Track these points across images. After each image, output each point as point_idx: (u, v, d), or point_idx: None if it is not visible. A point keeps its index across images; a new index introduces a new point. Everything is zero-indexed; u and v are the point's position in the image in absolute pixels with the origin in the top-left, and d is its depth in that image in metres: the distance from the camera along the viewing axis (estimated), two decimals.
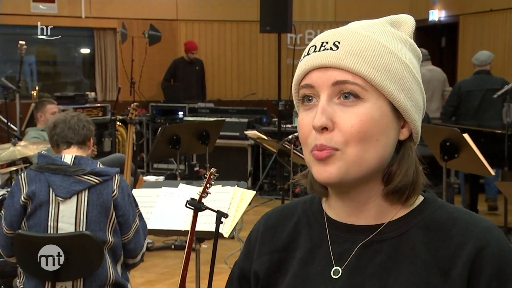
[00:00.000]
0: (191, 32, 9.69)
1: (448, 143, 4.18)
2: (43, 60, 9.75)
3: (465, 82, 6.35)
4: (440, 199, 0.99)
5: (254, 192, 2.92)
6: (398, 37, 0.96)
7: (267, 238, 1.04)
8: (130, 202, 2.64)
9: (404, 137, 0.95)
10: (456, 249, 0.91)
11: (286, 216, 1.05)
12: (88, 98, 8.20)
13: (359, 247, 0.95)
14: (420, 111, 0.96)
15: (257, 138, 4.83)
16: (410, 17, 1.00)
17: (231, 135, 7.01)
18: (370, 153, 0.91)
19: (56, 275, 2.53)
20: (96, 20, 9.14)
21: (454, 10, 9.16)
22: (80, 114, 2.85)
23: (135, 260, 2.71)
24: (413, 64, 0.95)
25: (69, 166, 2.59)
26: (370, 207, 0.96)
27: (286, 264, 1.01)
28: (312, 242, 1.00)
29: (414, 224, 0.95)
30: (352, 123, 0.90)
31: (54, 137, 2.73)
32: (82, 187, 2.55)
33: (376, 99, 0.91)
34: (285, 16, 6.48)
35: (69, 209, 2.56)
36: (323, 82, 0.92)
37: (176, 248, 5.09)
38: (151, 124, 7.99)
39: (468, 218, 0.94)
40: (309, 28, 9.63)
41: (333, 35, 0.94)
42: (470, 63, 8.81)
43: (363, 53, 0.91)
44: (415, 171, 0.95)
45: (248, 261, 1.06)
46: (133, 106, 5.21)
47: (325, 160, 0.91)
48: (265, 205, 6.52)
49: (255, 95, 9.66)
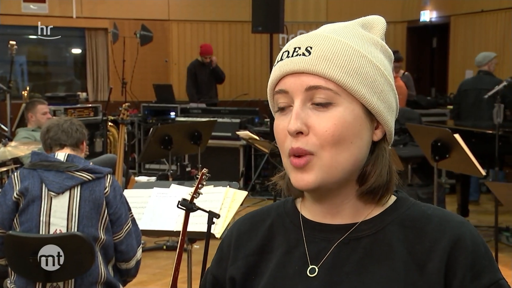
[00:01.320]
0: (183, 33, 9.68)
1: (439, 144, 4.19)
2: (34, 60, 9.71)
3: (465, 81, 6.50)
4: (412, 198, 1.02)
5: (246, 193, 2.92)
6: (369, 40, 0.97)
7: (242, 243, 1.05)
8: (122, 202, 2.65)
9: (377, 138, 0.97)
10: (432, 244, 0.93)
11: (259, 220, 1.06)
12: (79, 98, 8.16)
13: (336, 246, 0.96)
14: (393, 112, 0.98)
15: (249, 139, 4.84)
16: (381, 18, 1.01)
17: (223, 136, 7.00)
18: (345, 155, 0.93)
19: (47, 276, 2.52)
20: (88, 20, 9.11)
21: (445, 11, 9.20)
22: (73, 119, 2.88)
23: (129, 265, 2.68)
24: (384, 66, 0.96)
25: (62, 162, 2.62)
26: (346, 208, 0.98)
27: (262, 267, 1.02)
28: (288, 243, 1.01)
29: (389, 222, 0.97)
30: (326, 127, 0.92)
31: (48, 141, 2.75)
32: (75, 183, 2.57)
33: (349, 103, 0.93)
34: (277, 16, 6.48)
35: (61, 204, 2.57)
36: (296, 87, 0.93)
37: (168, 249, 5.08)
38: (143, 124, 7.97)
39: (441, 215, 0.97)
40: (301, 28, 9.64)
41: (305, 40, 0.95)
42: (461, 63, 8.86)
43: (334, 58, 0.92)
44: (388, 171, 0.97)
45: (221, 268, 1.06)
46: (125, 106, 5.19)
47: (303, 167, 0.93)
48: (257, 205, 6.52)
49: (247, 95, 9.66)
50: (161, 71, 9.56)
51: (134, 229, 2.68)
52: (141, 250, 2.74)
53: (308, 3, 9.82)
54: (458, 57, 8.98)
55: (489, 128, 5.40)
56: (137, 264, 2.73)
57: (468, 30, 8.71)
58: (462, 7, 8.79)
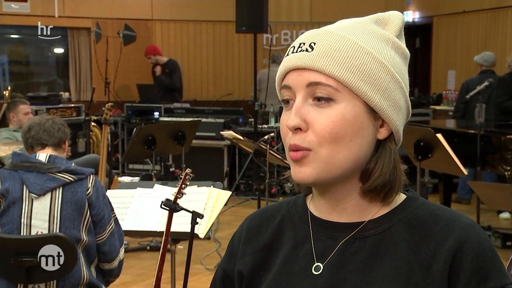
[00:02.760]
0: (166, 32, 9.64)
1: (422, 143, 4.22)
2: (16, 60, 9.61)
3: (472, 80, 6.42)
4: (422, 198, 1.01)
5: (229, 193, 2.92)
6: (379, 36, 0.96)
7: (251, 238, 1.05)
8: (105, 203, 2.63)
9: (382, 137, 0.96)
10: (437, 245, 0.92)
11: (270, 216, 1.07)
12: (61, 98, 8.10)
13: (342, 244, 0.96)
14: (400, 110, 0.96)
15: (233, 139, 4.83)
16: (399, 14, 1.00)
17: (207, 136, 6.99)
18: (343, 153, 0.92)
19: (29, 278, 2.49)
20: (70, 20, 9.04)
21: (428, 11, 9.27)
22: (55, 118, 2.83)
23: (111, 265, 2.66)
24: (393, 64, 0.95)
25: (44, 163, 2.58)
26: (350, 205, 0.97)
27: (270, 263, 1.02)
28: (296, 239, 1.01)
29: (396, 221, 0.96)
30: (324, 124, 0.91)
31: (29, 140, 2.71)
32: (57, 184, 2.54)
33: (349, 100, 0.92)
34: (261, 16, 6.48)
35: (42, 206, 2.54)
36: (298, 83, 0.94)
37: (151, 249, 5.05)
38: (126, 124, 7.92)
39: (449, 215, 0.96)
40: (285, 28, 9.65)
41: (311, 36, 0.95)
42: (444, 64, 8.93)
43: (336, 54, 0.92)
44: (393, 170, 0.96)
45: (231, 262, 1.07)
46: (108, 106, 5.16)
47: (300, 161, 0.93)
48: (241, 205, 6.51)
49: (231, 95, 9.66)
50: (145, 71, 9.50)
51: (116, 229, 2.67)
52: (123, 250, 2.71)
53: (292, 3, 9.83)
54: (440, 57, 9.05)
55: (471, 128, 5.45)
56: (120, 264, 2.70)
57: (450, 30, 8.78)
58: (444, 8, 8.86)
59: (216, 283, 1.10)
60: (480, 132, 5.06)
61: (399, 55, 0.97)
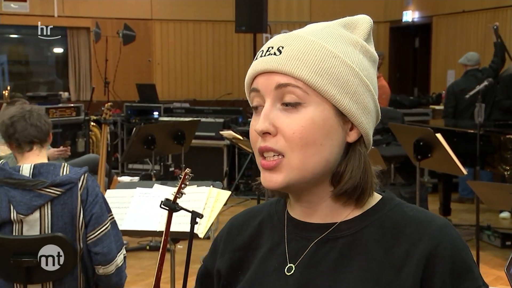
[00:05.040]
0: (166, 32, 9.64)
1: (421, 143, 4.22)
2: (15, 59, 9.61)
3: (457, 83, 6.52)
4: (398, 199, 1.00)
5: (229, 192, 2.92)
6: (347, 40, 0.96)
7: (231, 237, 1.06)
8: (96, 202, 2.48)
9: (352, 140, 0.96)
10: (410, 247, 0.92)
11: (252, 216, 1.07)
12: (61, 98, 8.10)
13: (314, 244, 0.97)
14: (369, 113, 0.96)
15: (233, 138, 4.83)
16: (367, 18, 0.99)
17: (207, 135, 6.99)
18: (314, 158, 0.92)
19: (28, 278, 2.49)
20: (69, 19, 9.04)
21: (427, 11, 9.27)
22: (33, 107, 2.63)
23: (106, 270, 2.49)
24: (361, 67, 0.95)
25: (28, 180, 2.41)
26: (323, 207, 0.97)
27: (247, 262, 1.02)
28: (273, 240, 1.01)
29: (370, 223, 0.96)
30: (293, 129, 0.91)
31: (15, 135, 2.51)
32: (44, 201, 2.40)
33: (318, 103, 0.92)
34: (261, 16, 6.48)
35: (32, 224, 2.44)
36: (267, 86, 0.94)
37: (151, 249, 5.05)
38: (126, 124, 7.92)
39: (422, 217, 0.95)
40: (285, 28, 9.64)
41: (279, 40, 0.96)
42: (443, 63, 8.94)
43: (304, 57, 0.92)
44: (363, 173, 0.95)
45: (212, 260, 1.08)
46: (107, 106, 5.16)
47: (272, 168, 0.93)
48: (241, 205, 6.51)
49: (231, 95, 9.66)
50: (144, 71, 9.52)
51: (114, 233, 2.53)
52: (122, 257, 2.54)
53: (291, 3, 9.83)
54: (440, 57, 9.06)
55: (470, 128, 5.45)
56: (119, 272, 2.52)
57: (449, 30, 8.79)
58: (444, 7, 8.87)
59: (197, 282, 1.12)
60: (480, 132, 5.06)
61: (368, 59, 0.97)
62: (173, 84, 9.69)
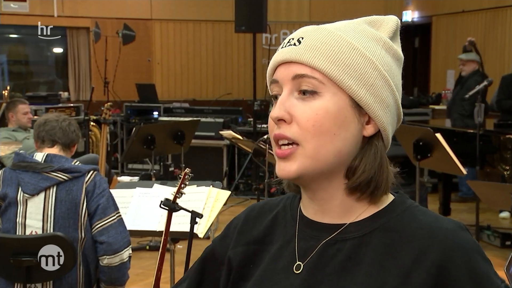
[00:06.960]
0: (165, 32, 9.64)
1: (421, 143, 4.22)
2: (15, 59, 9.60)
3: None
4: (410, 201, 0.99)
5: (229, 192, 2.92)
6: (370, 35, 0.96)
7: (246, 229, 1.06)
8: (103, 195, 2.58)
9: (368, 134, 0.95)
10: (419, 252, 0.90)
11: (267, 210, 1.07)
12: (61, 98, 8.10)
13: (322, 245, 0.96)
14: (388, 108, 0.95)
15: (233, 138, 4.83)
16: (394, 17, 1.00)
17: (207, 135, 6.99)
18: (327, 147, 0.92)
19: (28, 277, 2.49)
20: (69, 19, 9.03)
21: (427, 11, 9.27)
22: (72, 119, 2.87)
23: (111, 260, 2.57)
24: (382, 62, 0.95)
25: (39, 163, 2.58)
26: (335, 205, 0.96)
27: (260, 257, 1.02)
28: (284, 237, 1.01)
29: (379, 226, 0.95)
30: (307, 117, 0.92)
31: (42, 133, 2.71)
32: (50, 184, 2.54)
33: (333, 93, 0.92)
34: (260, 16, 6.48)
35: (36, 205, 2.54)
36: (285, 76, 0.95)
37: (151, 249, 5.06)
38: (126, 124, 7.92)
39: (433, 221, 0.94)
40: (284, 28, 9.65)
41: (300, 32, 0.97)
42: (443, 63, 8.93)
43: (322, 47, 0.93)
44: (379, 168, 0.95)
45: (222, 245, 1.08)
46: (107, 106, 5.16)
47: (286, 157, 0.93)
48: (240, 205, 6.51)
49: (231, 95, 9.65)
50: (144, 71, 9.51)
51: (121, 229, 2.61)
52: (128, 253, 2.63)
53: (291, 3, 9.83)
54: (440, 57, 9.06)
55: (470, 128, 5.45)
56: (122, 267, 2.60)
57: (449, 30, 8.79)
58: (443, 7, 8.87)
59: (199, 259, 1.11)
60: (479, 132, 5.06)
61: (391, 56, 0.97)
62: (173, 84, 9.69)
